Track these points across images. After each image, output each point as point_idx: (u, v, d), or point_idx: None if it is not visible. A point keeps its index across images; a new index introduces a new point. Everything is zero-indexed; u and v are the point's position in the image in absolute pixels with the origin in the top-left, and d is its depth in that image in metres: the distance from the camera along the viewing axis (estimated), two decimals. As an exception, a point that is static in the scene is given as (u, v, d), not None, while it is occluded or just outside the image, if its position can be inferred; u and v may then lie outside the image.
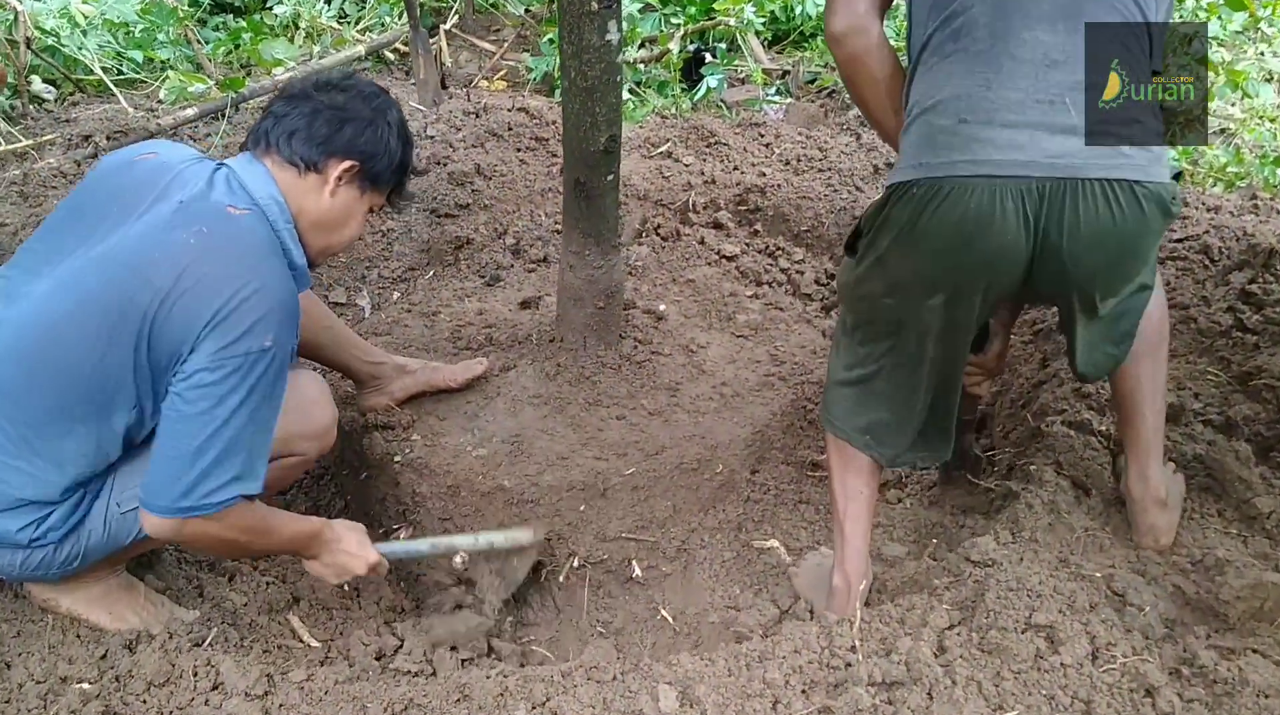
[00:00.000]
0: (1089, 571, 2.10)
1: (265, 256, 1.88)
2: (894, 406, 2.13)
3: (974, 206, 1.78)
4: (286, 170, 1.98)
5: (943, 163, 1.80)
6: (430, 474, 2.56)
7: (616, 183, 2.70)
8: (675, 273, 3.46)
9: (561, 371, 2.84)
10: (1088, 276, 1.89)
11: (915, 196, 1.84)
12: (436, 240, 3.88)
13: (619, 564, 2.54)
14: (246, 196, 1.93)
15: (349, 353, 2.67)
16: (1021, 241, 1.81)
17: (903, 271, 1.96)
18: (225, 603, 2.38)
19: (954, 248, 1.84)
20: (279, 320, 1.83)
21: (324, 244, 2.08)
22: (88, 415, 1.87)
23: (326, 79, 2.07)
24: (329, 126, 1.99)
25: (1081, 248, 1.82)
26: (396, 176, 2.11)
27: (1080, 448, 2.43)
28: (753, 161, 4.26)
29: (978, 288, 1.91)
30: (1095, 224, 1.78)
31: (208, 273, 1.79)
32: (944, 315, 1.96)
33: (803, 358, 2.97)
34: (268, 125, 2.02)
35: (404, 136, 2.11)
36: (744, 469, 2.67)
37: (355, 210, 2.08)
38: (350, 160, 2.00)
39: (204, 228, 1.84)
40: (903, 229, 1.89)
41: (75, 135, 4.47)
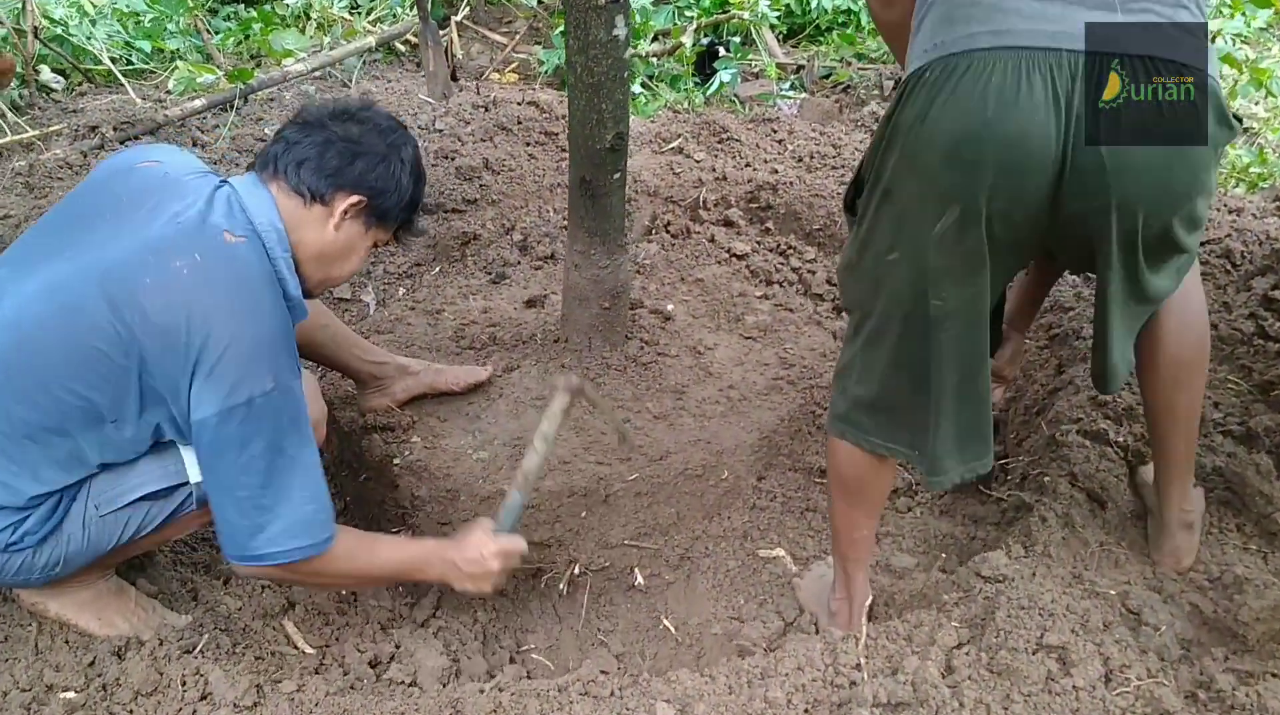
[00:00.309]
0: (1103, 589, 2.04)
1: (258, 291, 1.83)
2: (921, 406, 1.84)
3: (994, 82, 1.49)
4: (292, 199, 1.93)
5: (959, 37, 1.54)
6: (429, 477, 2.51)
7: (623, 181, 2.64)
8: (684, 272, 3.39)
9: (565, 373, 2.78)
10: (1130, 187, 1.55)
11: (927, 83, 1.57)
12: (443, 236, 3.82)
13: (621, 572, 2.49)
14: (245, 221, 1.88)
15: (350, 352, 2.62)
16: (1050, 129, 1.49)
17: (908, 193, 1.66)
18: (219, 607, 2.34)
19: (969, 137, 1.52)
20: (274, 359, 1.80)
21: (323, 277, 2.04)
22: (61, 428, 1.83)
23: (343, 108, 2.01)
24: (340, 159, 1.93)
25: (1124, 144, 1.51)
26: (405, 214, 2.05)
27: (1096, 458, 2.37)
28: (765, 158, 4.19)
29: (998, 197, 1.57)
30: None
31: (200, 310, 1.75)
32: (957, 247, 1.63)
33: (812, 361, 2.91)
34: (278, 150, 1.97)
35: (417, 174, 2.05)
36: (750, 475, 2.61)
37: (358, 245, 2.03)
38: (358, 195, 1.94)
39: (198, 256, 1.79)
40: (910, 130, 1.60)
41: (82, 126, 4.43)
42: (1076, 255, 1.79)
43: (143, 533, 2.00)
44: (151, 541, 2.08)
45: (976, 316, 1.73)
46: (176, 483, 1.98)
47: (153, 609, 2.21)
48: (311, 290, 2.06)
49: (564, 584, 2.45)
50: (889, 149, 1.67)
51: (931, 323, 1.74)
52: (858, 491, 2.03)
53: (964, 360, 1.76)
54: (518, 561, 2.18)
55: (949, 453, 1.84)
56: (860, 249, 1.81)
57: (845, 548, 2.14)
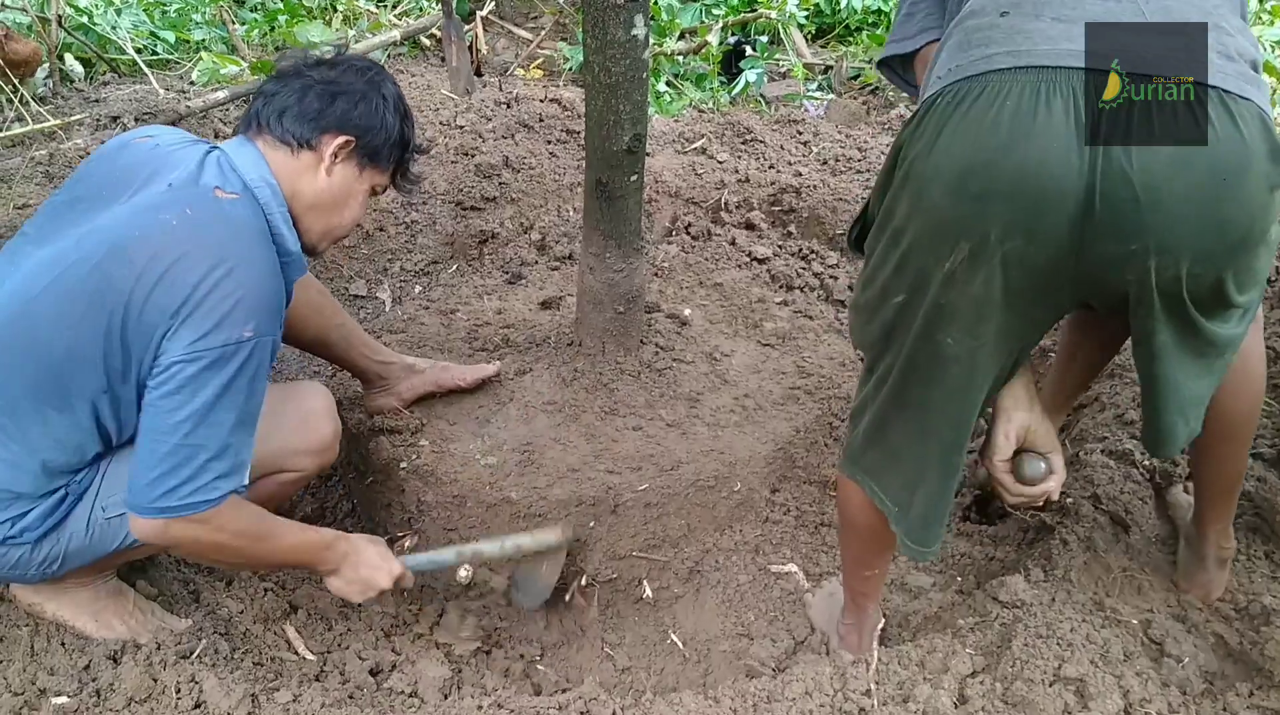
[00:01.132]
0: (1125, 617, 1.97)
1: (250, 242, 1.79)
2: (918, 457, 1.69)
3: (1009, 106, 1.33)
4: (279, 150, 1.91)
5: (975, 59, 1.40)
6: (436, 482, 2.47)
7: (640, 184, 2.58)
8: (703, 275, 3.33)
9: (578, 377, 2.74)
10: (1170, 230, 1.33)
11: (937, 110, 1.42)
12: (460, 233, 3.79)
13: (629, 583, 2.44)
14: (237, 179, 1.85)
15: (358, 351, 2.58)
16: (1073, 157, 1.31)
17: (914, 231, 1.48)
18: (220, 610, 2.30)
19: (978, 166, 1.35)
20: (259, 309, 1.74)
21: (324, 227, 2.00)
22: (59, 400, 1.79)
23: (317, 57, 2.00)
24: (320, 101, 1.92)
25: (1160, 170, 1.30)
26: (396, 153, 2.03)
27: (1121, 480, 2.29)
28: (789, 160, 4.12)
29: (1012, 235, 1.38)
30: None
31: (186, 253, 1.71)
32: (966, 289, 1.45)
33: (830, 370, 2.84)
34: (259, 105, 1.95)
35: (401, 110, 2.02)
36: (764, 487, 2.55)
37: (354, 189, 1.99)
38: (345, 135, 1.92)
39: (189, 209, 1.77)
40: (917, 161, 1.43)
41: (104, 116, 4.41)
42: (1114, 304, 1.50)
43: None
44: (155, 548, 2.04)
45: (972, 374, 1.55)
46: None
47: (151, 611, 2.18)
48: (315, 244, 2.02)
49: (571, 594, 2.40)
50: (896, 184, 1.52)
51: (939, 362, 1.57)
52: (869, 536, 1.91)
53: (964, 415, 1.61)
54: (394, 592, 2.17)
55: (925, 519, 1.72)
56: (866, 288, 1.65)
57: (856, 584, 2.08)
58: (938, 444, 1.65)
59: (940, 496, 1.71)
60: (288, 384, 2.24)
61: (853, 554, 2.01)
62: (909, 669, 1.87)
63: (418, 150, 2.12)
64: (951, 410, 1.60)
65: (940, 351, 1.54)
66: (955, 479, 1.70)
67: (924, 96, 1.50)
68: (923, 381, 1.61)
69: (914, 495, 1.72)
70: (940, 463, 1.67)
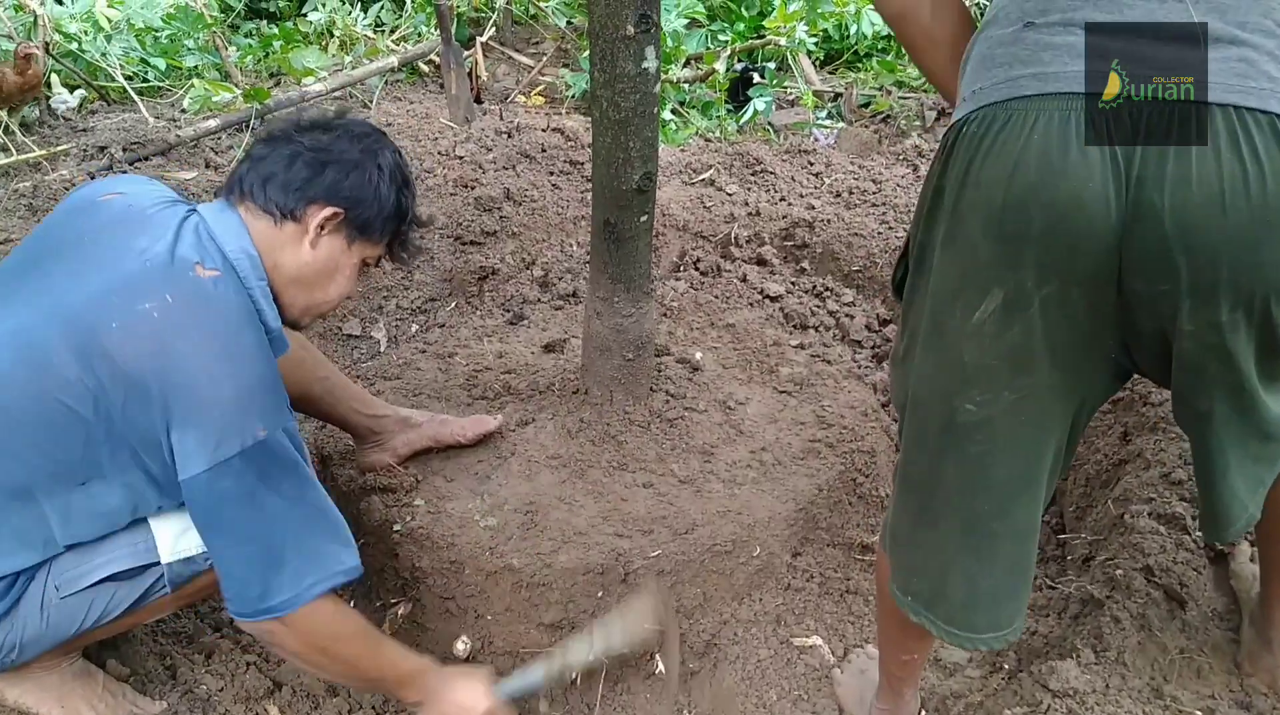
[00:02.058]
0: (1186, 707, 1.79)
1: (239, 329, 1.67)
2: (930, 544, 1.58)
3: (1038, 138, 1.24)
4: (261, 219, 1.77)
5: (998, 82, 1.29)
6: (432, 547, 2.29)
7: (650, 224, 2.42)
8: (714, 315, 3.17)
9: (584, 428, 2.57)
10: (1204, 262, 1.22)
11: (965, 139, 1.31)
12: (459, 269, 3.63)
13: (639, 658, 2.26)
14: (216, 251, 1.71)
15: (347, 406, 2.41)
16: (1110, 192, 1.22)
17: (944, 272, 1.39)
18: (199, 688, 2.13)
19: (1012, 205, 1.26)
20: (261, 404, 1.65)
21: (306, 302, 1.86)
22: (29, 490, 1.66)
23: (313, 119, 1.87)
24: (309, 169, 1.78)
25: (1194, 211, 1.20)
26: (391, 226, 1.88)
27: (1173, 548, 2.12)
28: (801, 192, 3.97)
29: (1048, 279, 1.29)
30: (1215, 175, 1.18)
31: (173, 352, 1.60)
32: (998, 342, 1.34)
33: (852, 420, 2.67)
34: (243, 170, 1.82)
35: (399, 181, 1.88)
36: (784, 552, 2.37)
37: (342, 264, 1.85)
38: (332, 207, 1.78)
39: (169, 296, 1.63)
40: (950, 196, 1.34)
41: (91, 146, 4.26)
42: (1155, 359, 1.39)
43: (108, 617, 1.81)
44: (119, 626, 1.88)
45: (1020, 428, 1.41)
46: (146, 562, 1.80)
47: (122, 694, 2.01)
48: (297, 319, 1.89)
49: (576, 673, 2.22)
50: (931, 218, 1.41)
51: (953, 436, 1.44)
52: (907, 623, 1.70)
53: (993, 488, 1.46)
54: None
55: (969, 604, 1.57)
56: (905, 340, 1.53)
57: (893, 668, 1.91)
58: (959, 523, 1.51)
59: (986, 577, 1.55)
60: None
61: (890, 636, 1.84)
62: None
63: (417, 223, 1.98)
64: (985, 478, 1.46)
65: (953, 420, 1.43)
66: (1005, 558, 1.54)
67: (955, 117, 1.37)
68: (936, 452, 1.49)
69: (945, 580, 1.57)
70: (967, 543, 1.52)
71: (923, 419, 1.51)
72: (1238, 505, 1.46)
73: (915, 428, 1.54)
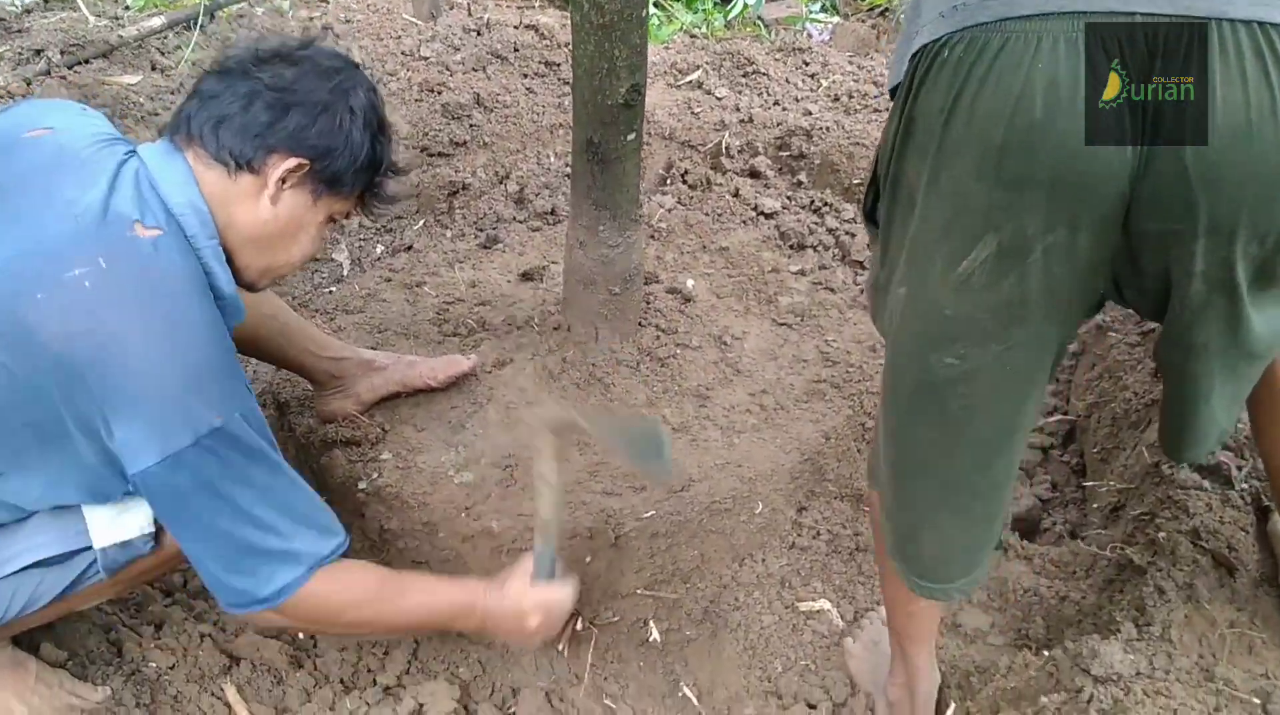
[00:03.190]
0: (1240, 691, 1.62)
1: (184, 301, 1.43)
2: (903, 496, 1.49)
3: (1045, 69, 1.08)
4: (212, 169, 1.50)
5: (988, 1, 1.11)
6: (402, 507, 2.08)
7: (638, 144, 2.15)
8: (705, 237, 2.91)
9: (568, 369, 2.34)
10: (1225, 203, 1.12)
11: (948, 64, 1.14)
12: (427, 184, 3.34)
13: (632, 625, 2.07)
14: (159, 205, 1.45)
15: (301, 348, 2.16)
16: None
17: (928, 213, 1.23)
18: (147, 667, 1.95)
19: (1014, 146, 1.11)
20: (215, 386, 1.42)
21: (265, 265, 1.61)
22: None
23: (274, 49, 1.56)
24: (270, 112, 1.50)
25: (1220, 143, 1.07)
26: (363, 177, 1.60)
27: (1219, 506, 1.93)
28: (796, 96, 3.68)
29: (1055, 225, 1.16)
30: (1241, 103, 1.05)
31: (108, 332, 1.36)
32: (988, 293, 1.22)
33: (859, 357, 2.45)
34: (192, 108, 1.53)
35: (374, 125, 1.59)
36: (789, 507, 2.17)
37: (306, 222, 1.59)
38: (296, 158, 1.50)
39: (102, 261, 1.37)
40: (930, 129, 1.18)
41: (27, 49, 3.90)
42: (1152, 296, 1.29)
43: (34, 606, 1.59)
44: (50, 614, 1.67)
45: (1005, 381, 1.30)
46: (76, 548, 1.58)
47: (59, 683, 1.81)
48: (253, 283, 1.64)
49: (564, 643, 2.03)
50: (904, 148, 1.25)
51: (928, 390, 1.34)
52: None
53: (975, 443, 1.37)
54: (566, 610, 1.81)
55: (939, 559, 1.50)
56: (883, 271, 1.39)
57: (901, 623, 1.73)
58: (935, 483, 1.43)
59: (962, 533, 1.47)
60: None
61: (892, 581, 1.67)
62: (987, 770, 1.52)
63: (393, 171, 1.69)
64: (951, 442, 1.38)
65: (930, 377, 1.32)
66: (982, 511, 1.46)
67: (922, 35, 1.18)
68: (909, 411, 1.40)
69: (919, 536, 1.50)
70: (944, 501, 1.44)
71: (898, 373, 1.40)
72: (1214, 426, 1.40)
73: (891, 378, 1.43)
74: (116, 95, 3.58)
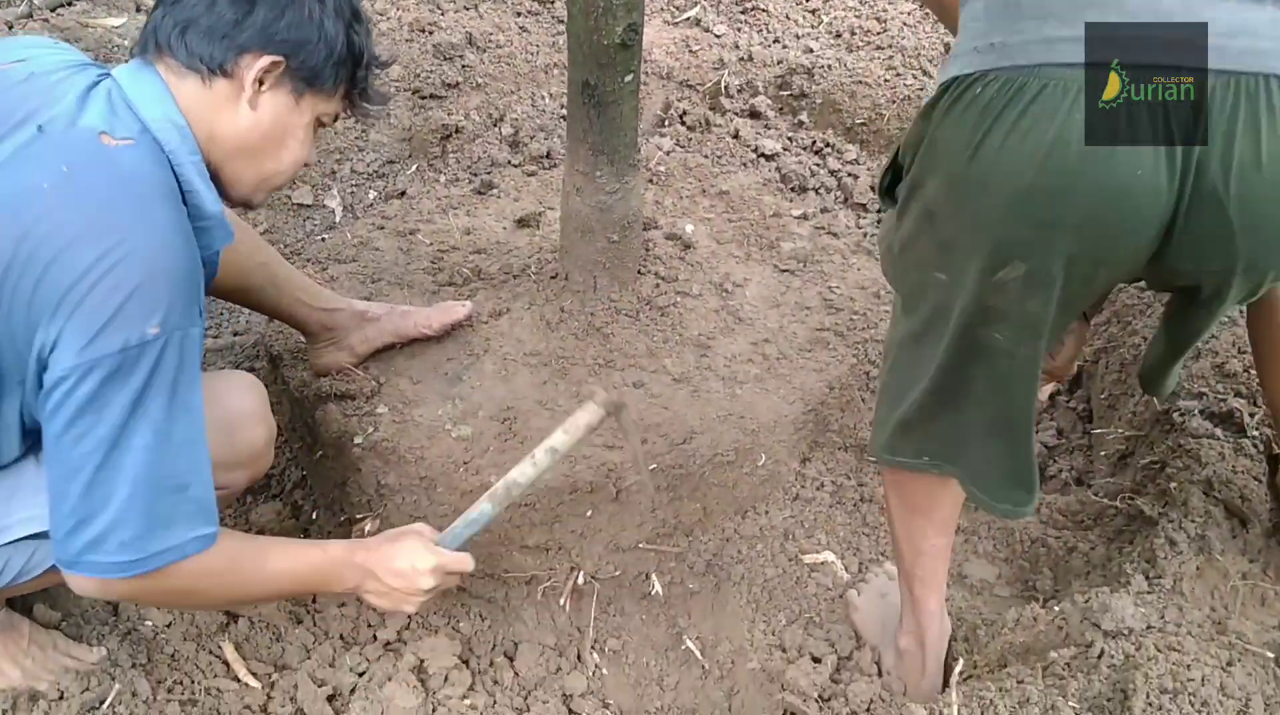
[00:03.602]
0: (1253, 644, 1.60)
1: (150, 205, 1.34)
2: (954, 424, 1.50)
3: (1080, 117, 1.12)
4: (187, 79, 1.42)
5: (1030, 41, 1.14)
6: (399, 461, 2.04)
7: (635, 85, 2.08)
8: (705, 180, 2.84)
9: (566, 319, 2.28)
10: (1264, 248, 1.19)
11: (978, 104, 1.18)
12: (419, 128, 3.26)
13: (635, 579, 2.05)
14: (133, 119, 1.38)
15: (292, 297, 2.09)
16: (1161, 179, 1.12)
17: (957, 231, 1.30)
18: (142, 626, 1.92)
19: (1044, 191, 1.16)
20: (167, 295, 1.31)
21: (256, 176, 1.53)
22: None
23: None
24: (234, 9, 1.42)
25: (1260, 199, 1.13)
26: (344, 71, 1.53)
27: (1231, 455, 1.89)
28: (797, 33, 3.58)
29: (1080, 261, 1.22)
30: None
31: (61, 230, 1.27)
32: (1017, 305, 1.29)
33: (863, 303, 2.40)
34: (158, 17, 1.45)
35: (346, 14, 1.51)
36: (792, 459, 2.13)
37: (291, 125, 1.51)
38: (269, 55, 1.43)
39: (65, 165, 1.31)
40: (956, 161, 1.22)
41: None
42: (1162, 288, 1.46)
43: (26, 577, 1.55)
44: (44, 582, 1.62)
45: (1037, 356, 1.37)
46: None
47: (53, 644, 1.79)
48: (248, 197, 1.58)
49: (565, 598, 2.01)
50: (926, 165, 1.31)
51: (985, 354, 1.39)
52: (922, 506, 1.64)
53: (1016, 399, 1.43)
54: (456, 582, 1.72)
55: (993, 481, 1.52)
56: (901, 248, 1.44)
57: (911, 563, 1.70)
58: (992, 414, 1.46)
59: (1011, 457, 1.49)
60: (207, 375, 1.78)
61: (901, 520, 1.68)
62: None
63: (377, 63, 1.61)
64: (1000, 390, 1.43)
65: (987, 345, 1.37)
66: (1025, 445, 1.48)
67: (955, 66, 1.22)
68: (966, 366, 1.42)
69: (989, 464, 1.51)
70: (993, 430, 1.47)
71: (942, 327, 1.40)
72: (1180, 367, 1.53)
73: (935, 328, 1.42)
74: (100, 39, 3.48)
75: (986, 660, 1.72)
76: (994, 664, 1.69)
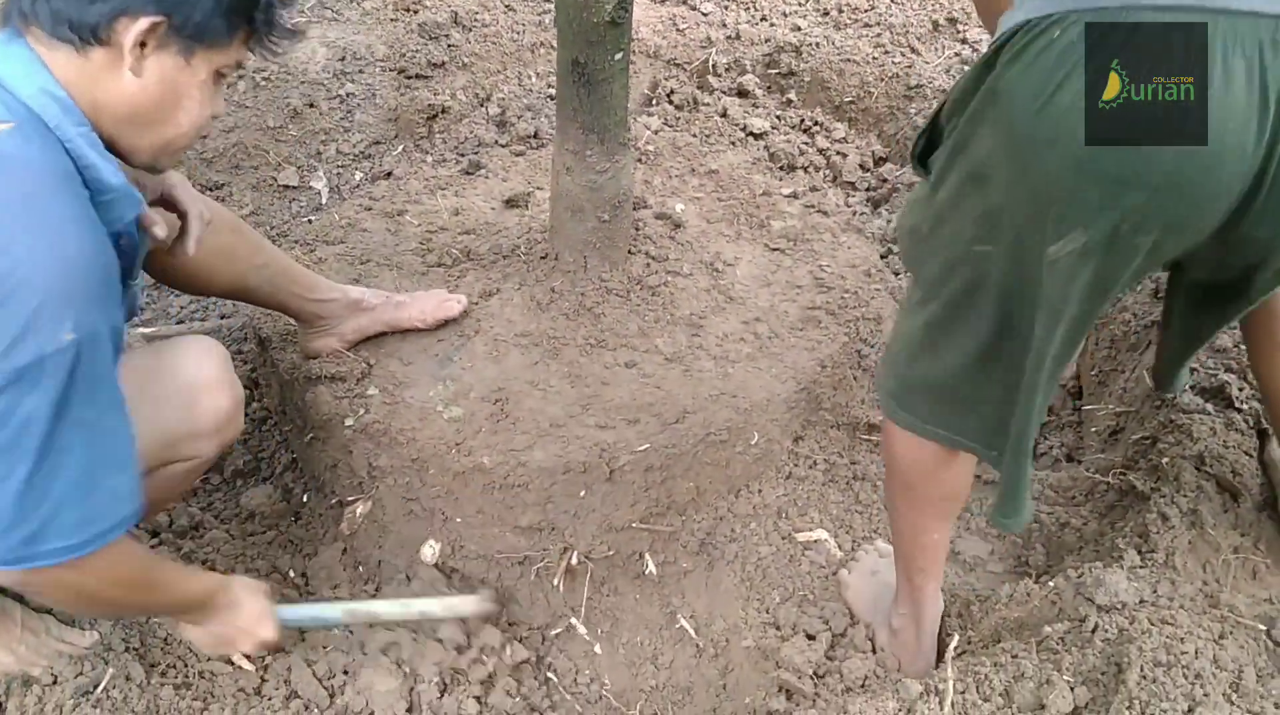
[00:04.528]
0: (1245, 617, 1.61)
1: (46, 199, 1.26)
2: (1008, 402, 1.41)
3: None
4: (58, 49, 1.30)
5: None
6: (390, 443, 2.03)
7: (625, 64, 2.07)
8: (694, 160, 2.83)
9: (556, 300, 2.28)
10: None
11: (1054, 49, 1.10)
12: (405, 108, 3.24)
13: (628, 558, 2.05)
14: (9, 97, 1.28)
15: (288, 292, 2.07)
16: (1250, 137, 1.07)
17: (1010, 192, 1.22)
18: (135, 609, 1.89)
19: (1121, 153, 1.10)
20: (74, 296, 1.25)
21: (154, 143, 1.42)
22: None
23: None
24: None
25: None
26: (238, 18, 1.38)
27: (1222, 430, 1.90)
28: (784, 10, 3.56)
29: (1150, 227, 1.14)
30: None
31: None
32: (1070, 281, 1.21)
33: (854, 281, 2.39)
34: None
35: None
36: (784, 437, 2.14)
37: (184, 85, 1.37)
38: (147, 16, 1.29)
39: None
40: (1021, 112, 1.14)
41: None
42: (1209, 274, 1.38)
43: None
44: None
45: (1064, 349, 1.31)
46: None
47: (45, 630, 1.76)
48: (151, 164, 1.47)
49: (559, 578, 2.01)
50: (980, 119, 1.23)
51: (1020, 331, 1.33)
52: (922, 488, 1.62)
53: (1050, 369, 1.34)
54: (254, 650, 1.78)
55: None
56: (935, 223, 1.37)
57: (910, 554, 1.71)
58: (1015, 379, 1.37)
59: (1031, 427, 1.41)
60: (164, 344, 1.76)
61: (903, 512, 1.66)
62: (991, 700, 1.50)
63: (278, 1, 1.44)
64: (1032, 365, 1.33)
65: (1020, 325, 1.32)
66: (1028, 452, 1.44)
67: (1024, 7, 1.13)
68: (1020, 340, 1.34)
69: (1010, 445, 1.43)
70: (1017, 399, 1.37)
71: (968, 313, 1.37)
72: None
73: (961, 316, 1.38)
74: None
75: (980, 636, 1.73)
76: (988, 639, 1.70)
